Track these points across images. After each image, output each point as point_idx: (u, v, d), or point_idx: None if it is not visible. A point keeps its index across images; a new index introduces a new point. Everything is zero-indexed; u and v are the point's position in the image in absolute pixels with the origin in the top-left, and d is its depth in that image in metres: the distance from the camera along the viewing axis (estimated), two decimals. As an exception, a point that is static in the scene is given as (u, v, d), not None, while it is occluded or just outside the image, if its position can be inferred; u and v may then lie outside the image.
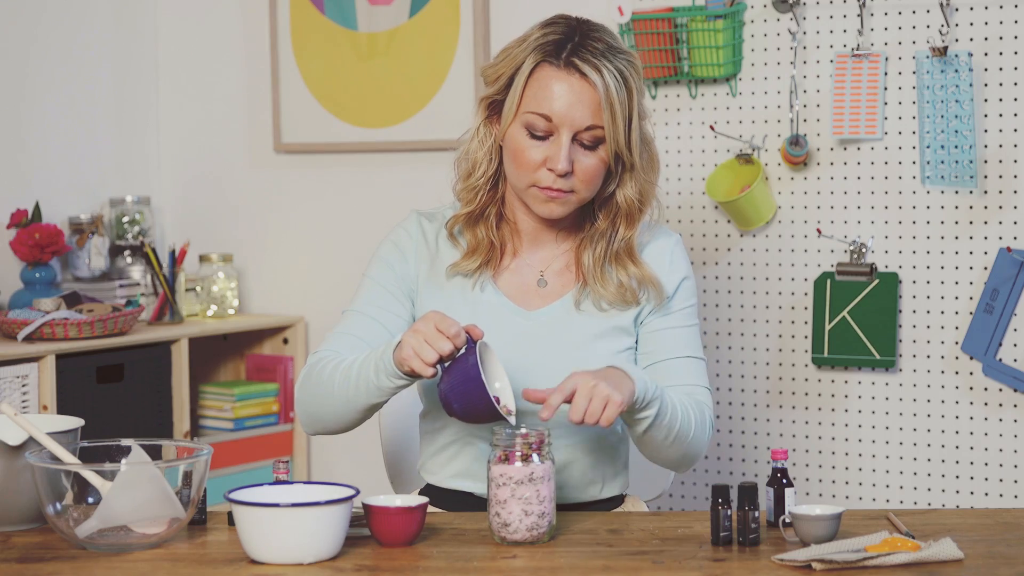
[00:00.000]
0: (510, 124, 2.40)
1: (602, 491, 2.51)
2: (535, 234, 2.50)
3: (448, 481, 2.51)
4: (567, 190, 2.39)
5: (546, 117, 2.36)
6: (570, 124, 2.36)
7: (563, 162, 2.35)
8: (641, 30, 3.54)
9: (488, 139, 2.45)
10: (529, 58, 2.37)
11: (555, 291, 2.48)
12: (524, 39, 2.41)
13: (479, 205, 2.47)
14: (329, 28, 4.05)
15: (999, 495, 3.33)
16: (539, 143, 2.38)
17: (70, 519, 2.16)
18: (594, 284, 2.45)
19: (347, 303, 2.51)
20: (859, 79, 3.38)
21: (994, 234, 3.30)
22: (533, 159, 2.38)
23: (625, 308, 2.46)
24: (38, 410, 3.52)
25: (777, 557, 2.06)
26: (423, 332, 2.21)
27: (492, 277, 2.48)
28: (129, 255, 4.12)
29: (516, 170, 2.40)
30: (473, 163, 2.47)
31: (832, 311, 3.44)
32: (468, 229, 2.48)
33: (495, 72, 2.42)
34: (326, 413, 2.40)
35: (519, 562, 2.10)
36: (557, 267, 2.50)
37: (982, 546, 2.13)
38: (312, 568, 2.06)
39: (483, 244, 2.47)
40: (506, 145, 2.42)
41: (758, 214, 3.50)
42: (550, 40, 2.38)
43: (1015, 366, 3.29)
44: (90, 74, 4.16)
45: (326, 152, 4.11)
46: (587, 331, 2.45)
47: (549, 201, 2.40)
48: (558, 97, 2.35)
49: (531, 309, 2.47)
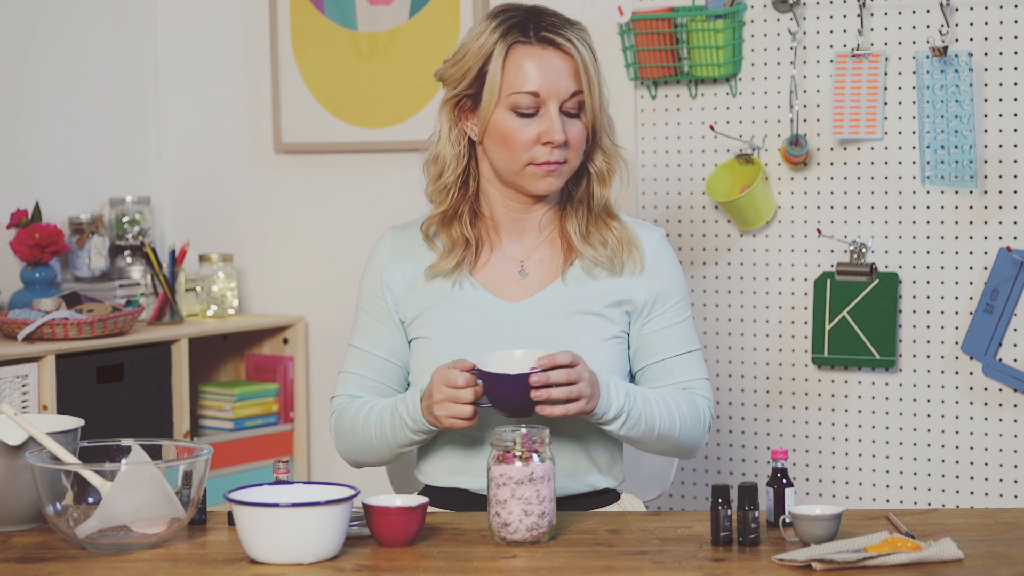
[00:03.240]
0: (492, 112, 2.45)
1: (600, 480, 2.53)
2: (514, 225, 2.55)
3: (442, 479, 2.52)
4: (562, 160, 2.46)
5: (533, 94, 2.44)
6: (556, 95, 2.44)
7: (559, 132, 2.43)
8: (641, 30, 3.54)
9: (462, 138, 2.52)
10: (499, 44, 2.45)
11: (537, 282, 2.52)
12: (481, 32, 2.48)
13: (451, 204, 2.53)
14: (329, 28, 4.05)
15: (999, 495, 3.33)
16: (528, 121, 2.45)
17: (70, 519, 2.16)
18: (583, 247, 2.51)
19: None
20: (859, 79, 3.38)
21: (994, 234, 3.30)
22: (526, 138, 2.45)
23: (613, 272, 2.51)
24: (38, 410, 3.52)
25: (777, 557, 2.07)
26: (445, 395, 2.32)
27: (470, 273, 2.53)
28: (129, 255, 4.12)
29: (509, 153, 2.46)
30: (443, 164, 2.54)
31: (832, 311, 3.44)
32: (443, 229, 2.54)
33: (459, 70, 2.49)
34: (370, 460, 2.57)
35: (519, 562, 2.10)
36: (538, 258, 2.54)
37: (982, 546, 2.13)
38: (312, 568, 2.06)
39: (459, 242, 2.52)
40: (492, 133, 2.47)
41: (758, 214, 3.50)
42: (513, 23, 2.46)
43: (1015, 366, 3.29)
44: (90, 74, 4.16)
45: (326, 152, 4.11)
46: (571, 322, 2.49)
47: (547, 175, 2.46)
48: (541, 72, 2.44)
49: (513, 301, 2.51)
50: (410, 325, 2.55)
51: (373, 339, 2.56)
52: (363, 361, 2.56)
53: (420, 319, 2.53)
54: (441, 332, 2.51)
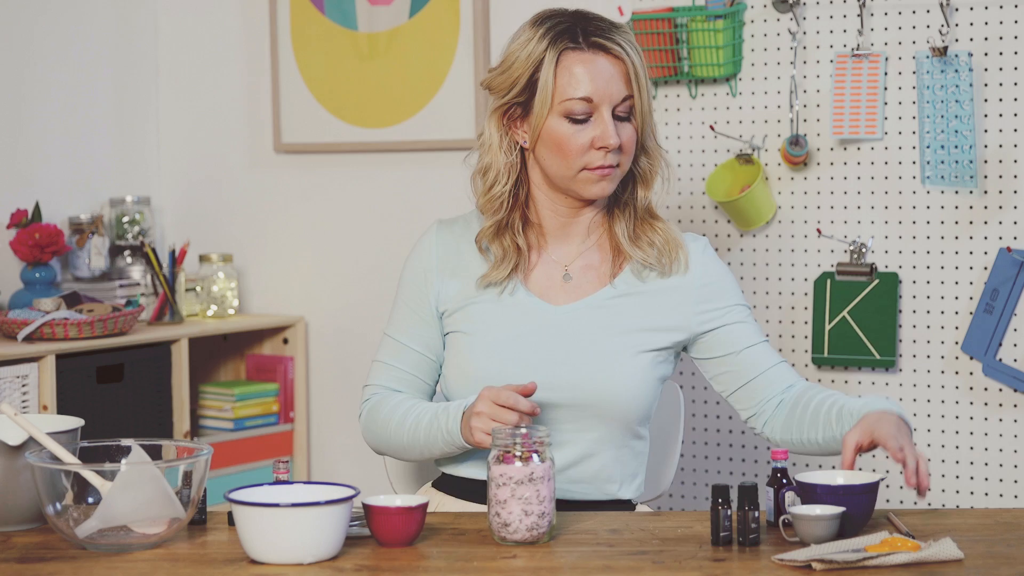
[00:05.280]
0: (545, 119, 2.46)
1: (619, 490, 2.53)
2: (561, 231, 2.55)
3: (461, 470, 2.54)
4: (615, 164, 2.47)
5: (586, 99, 2.44)
6: (609, 100, 2.45)
7: (613, 137, 2.44)
8: (641, 30, 3.54)
9: (513, 147, 2.52)
10: (549, 51, 2.45)
11: (581, 288, 2.53)
12: (529, 39, 2.47)
13: (506, 214, 2.53)
14: (329, 28, 4.05)
15: (999, 495, 3.33)
16: (582, 127, 2.45)
17: (70, 519, 2.16)
18: (632, 250, 2.52)
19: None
20: (859, 79, 3.38)
21: (994, 234, 3.30)
22: (580, 143, 2.45)
23: (663, 272, 2.52)
24: (38, 410, 3.52)
25: (777, 557, 2.06)
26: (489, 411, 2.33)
27: (522, 281, 2.53)
28: (129, 255, 4.12)
29: (563, 160, 2.47)
30: (496, 174, 2.52)
31: (832, 311, 3.44)
32: (495, 240, 2.53)
33: (507, 79, 2.48)
34: (397, 457, 2.58)
35: (519, 562, 2.10)
36: (583, 263, 2.55)
37: (982, 546, 2.13)
38: (312, 568, 2.06)
39: (511, 252, 2.52)
40: (545, 140, 2.47)
41: (758, 214, 3.50)
42: (561, 29, 2.46)
43: (1015, 366, 3.29)
44: (90, 74, 4.16)
45: (326, 152, 4.11)
46: (613, 330, 2.49)
47: (602, 179, 2.48)
48: (593, 77, 2.44)
49: (558, 304, 2.52)
50: (449, 317, 2.55)
51: (410, 332, 2.57)
52: (398, 353, 2.57)
53: (460, 313, 2.54)
54: (481, 329, 2.51)
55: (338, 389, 4.12)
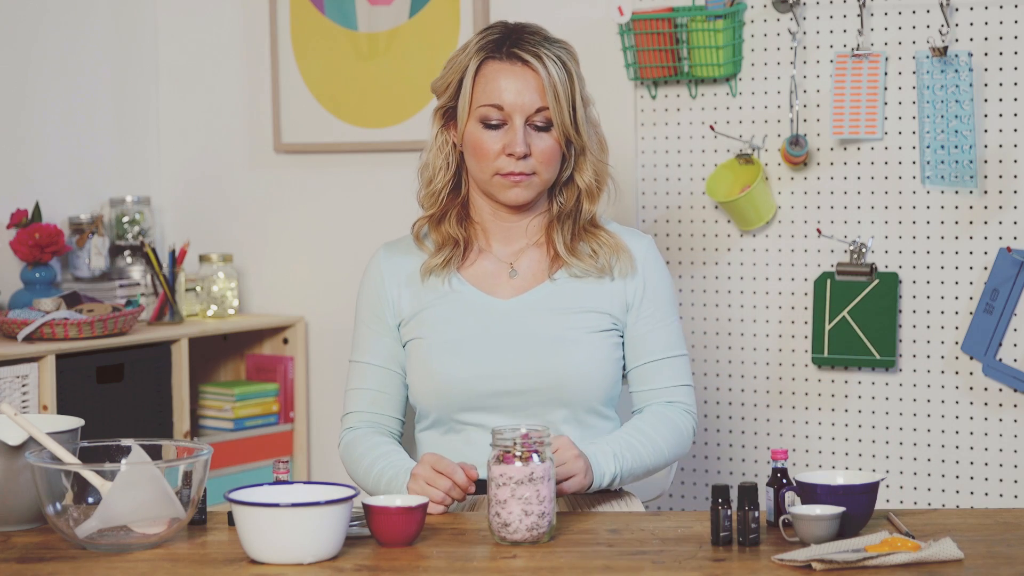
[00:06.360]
0: (466, 123, 2.58)
1: None
2: (502, 232, 2.65)
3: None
4: (528, 172, 2.56)
5: (497, 107, 2.55)
6: (520, 109, 2.55)
7: (520, 145, 2.54)
8: (641, 30, 3.54)
9: (446, 145, 2.64)
10: (473, 59, 2.58)
11: (527, 281, 2.62)
12: (464, 48, 2.61)
13: (440, 208, 2.64)
14: (329, 28, 4.05)
15: (999, 495, 3.33)
16: (495, 133, 2.56)
17: (70, 519, 2.16)
18: (568, 258, 2.60)
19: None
20: (859, 79, 3.38)
21: (994, 234, 3.30)
22: (492, 148, 2.56)
23: (600, 276, 2.60)
24: (38, 410, 3.52)
25: (777, 557, 2.07)
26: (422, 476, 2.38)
27: (458, 270, 2.62)
28: (129, 255, 4.12)
29: (478, 163, 2.58)
30: (433, 170, 2.66)
31: (832, 311, 3.44)
32: (433, 230, 2.65)
33: (443, 82, 2.63)
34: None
35: (519, 562, 2.10)
36: (527, 260, 2.63)
37: (982, 546, 2.13)
38: (312, 568, 2.06)
39: (448, 240, 2.63)
40: (466, 143, 2.59)
41: (758, 214, 3.50)
42: (490, 40, 2.59)
43: (1015, 366, 3.29)
44: (90, 74, 4.16)
45: (326, 152, 4.11)
46: (561, 317, 2.57)
47: (514, 186, 2.57)
48: (506, 87, 2.55)
49: (505, 298, 2.60)
50: (405, 326, 2.62)
51: (372, 350, 2.64)
52: (364, 373, 2.64)
53: (414, 320, 2.61)
54: (434, 331, 2.59)
55: (338, 389, 4.10)
